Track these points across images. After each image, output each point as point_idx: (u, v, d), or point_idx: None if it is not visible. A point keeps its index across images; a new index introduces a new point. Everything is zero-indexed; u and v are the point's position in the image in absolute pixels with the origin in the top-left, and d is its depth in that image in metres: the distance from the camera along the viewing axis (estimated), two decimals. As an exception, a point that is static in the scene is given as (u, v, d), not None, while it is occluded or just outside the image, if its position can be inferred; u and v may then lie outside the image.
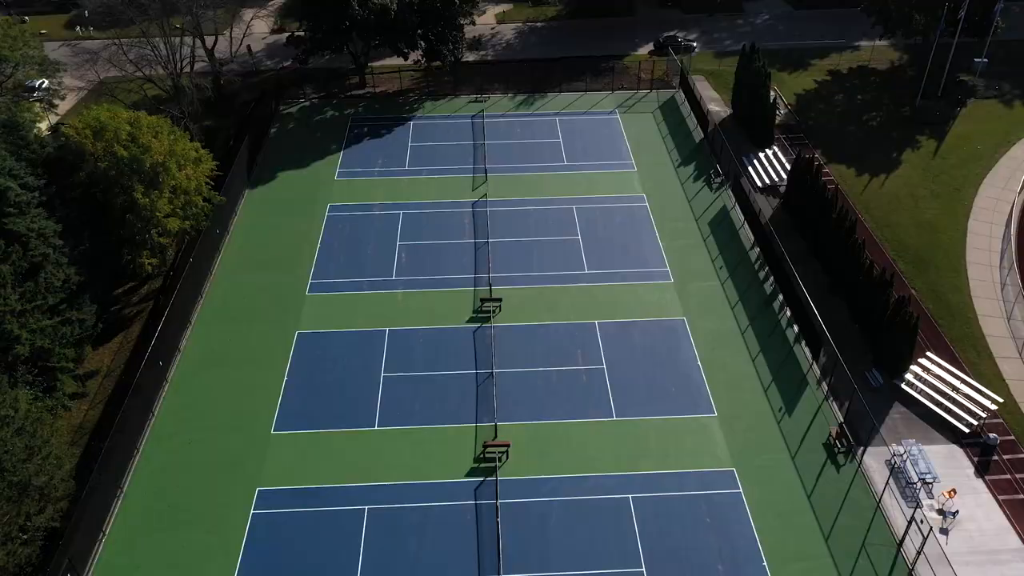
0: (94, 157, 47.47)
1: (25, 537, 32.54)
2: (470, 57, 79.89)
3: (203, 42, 69.77)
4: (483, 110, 70.86)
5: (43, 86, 61.99)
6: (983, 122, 67.48)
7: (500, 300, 48.92)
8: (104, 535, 36.55)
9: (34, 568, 33.75)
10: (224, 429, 41.46)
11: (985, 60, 72.96)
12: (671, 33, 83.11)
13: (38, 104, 55.74)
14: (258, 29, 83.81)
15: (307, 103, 73.09)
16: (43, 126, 53.66)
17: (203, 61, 70.37)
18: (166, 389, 43.87)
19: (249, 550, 35.83)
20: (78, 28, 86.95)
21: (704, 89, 73.55)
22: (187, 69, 66.31)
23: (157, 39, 62.27)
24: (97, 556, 35.72)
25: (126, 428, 39.60)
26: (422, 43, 71.23)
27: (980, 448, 40.03)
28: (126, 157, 47.19)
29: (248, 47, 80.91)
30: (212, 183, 52.77)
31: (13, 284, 40.63)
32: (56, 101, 59.74)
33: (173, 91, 63.76)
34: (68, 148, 47.47)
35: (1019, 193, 58.05)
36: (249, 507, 37.63)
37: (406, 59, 73.79)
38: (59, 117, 62.54)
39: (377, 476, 38.84)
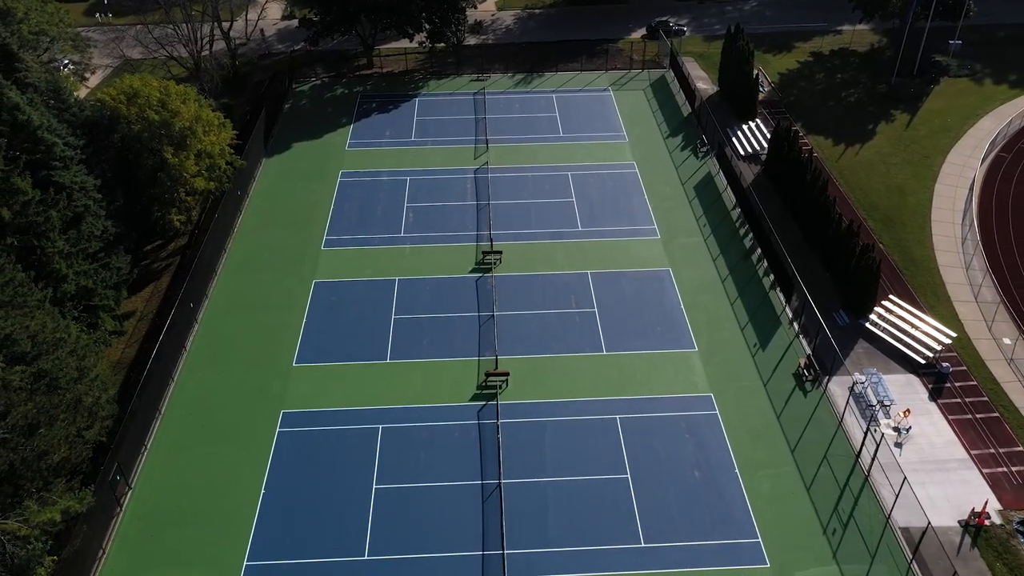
0: (127, 121, 51.72)
1: (84, 439, 36.62)
2: (471, 40, 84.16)
3: (220, 25, 74.10)
4: (484, 88, 75.23)
5: (68, 65, 66.20)
6: (954, 98, 71.79)
7: (500, 252, 53.16)
8: (146, 449, 40.78)
9: (85, 476, 37.89)
10: (250, 362, 45.68)
11: (959, 42, 77.16)
12: (663, 18, 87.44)
13: (71, 76, 59.91)
14: (271, 14, 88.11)
15: (318, 82, 77.44)
16: (79, 95, 57.85)
17: (220, 41, 74.58)
18: (196, 329, 48.10)
19: (276, 462, 40.01)
20: (98, 15, 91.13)
21: (693, 69, 77.83)
22: (206, 51, 70.66)
23: (178, 23, 66.67)
24: (140, 466, 39.94)
25: (162, 360, 43.82)
26: (427, 25, 75.66)
27: (934, 376, 44.25)
28: (157, 121, 51.48)
29: (261, 31, 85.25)
30: (233, 150, 56.99)
31: (60, 230, 44.86)
32: (87, 75, 63.93)
33: (194, 69, 68.06)
34: (104, 112, 51.71)
35: (982, 160, 62.33)
36: (275, 426, 41.85)
37: (411, 40, 78.14)
38: (88, 91, 66.79)
39: (389, 401, 43.07)
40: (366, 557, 35.51)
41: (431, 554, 35.59)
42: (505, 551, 35.39)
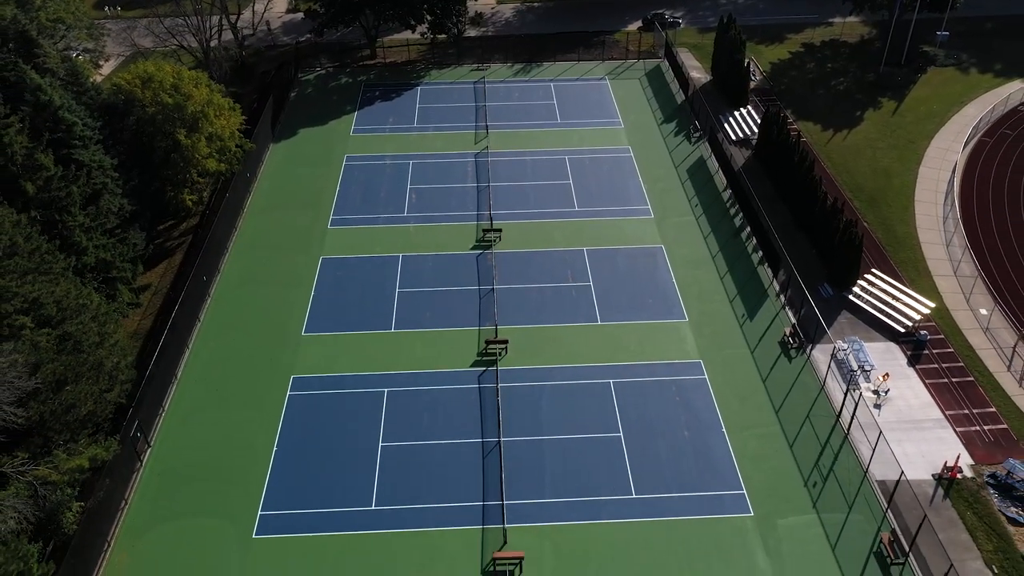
0: (142, 104, 53.90)
1: (106, 399, 38.76)
2: (472, 32, 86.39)
3: (227, 17, 76.29)
4: (484, 77, 77.48)
5: (82, 53, 68.39)
6: (940, 86, 74.00)
7: (500, 231, 55.37)
8: (163, 411, 42.98)
9: (108, 432, 40.02)
10: (261, 332, 47.87)
11: (946, 33, 79.31)
12: (659, 11, 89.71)
13: (88, 64, 62.09)
14: (277, 7, 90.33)
15: (323, 71, 79.68)
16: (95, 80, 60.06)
17: (227, 32, 76.78)
18: (209, 302, 50.28)
19: (287, 423, 42.20)
20: (107, 8, 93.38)
21: (687, 59, 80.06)
22: (214, 41, 72.88)
23: (188, 14, 68.91)
24: (159, 426, 42.15)
25: (177, 330, 46.00)
26: (428, 17, 77.92)
27: (914, 344, 46.45)
28: (170, 104, 53.67)
29: (267, 23, 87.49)
30: (242, 135, 59.16)
31: (80, 205, 47.04)
32: (100, 63, 66.15)
33: (203, 57, 70.26)
34: (120, 96, 53.91)
35: (965, 144, 64.53)
36: (285, 391, 44.05)
37: (413, 31, 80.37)
38: (101, 79, 68.99)
39: (394, 367, 45.26)
40: (373, 507, 37.71)
41: (435, 504, 37.78)
42: (504, 501, 37.58)
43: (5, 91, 45.98)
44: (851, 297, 49.50)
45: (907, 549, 35.39)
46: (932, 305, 48.04)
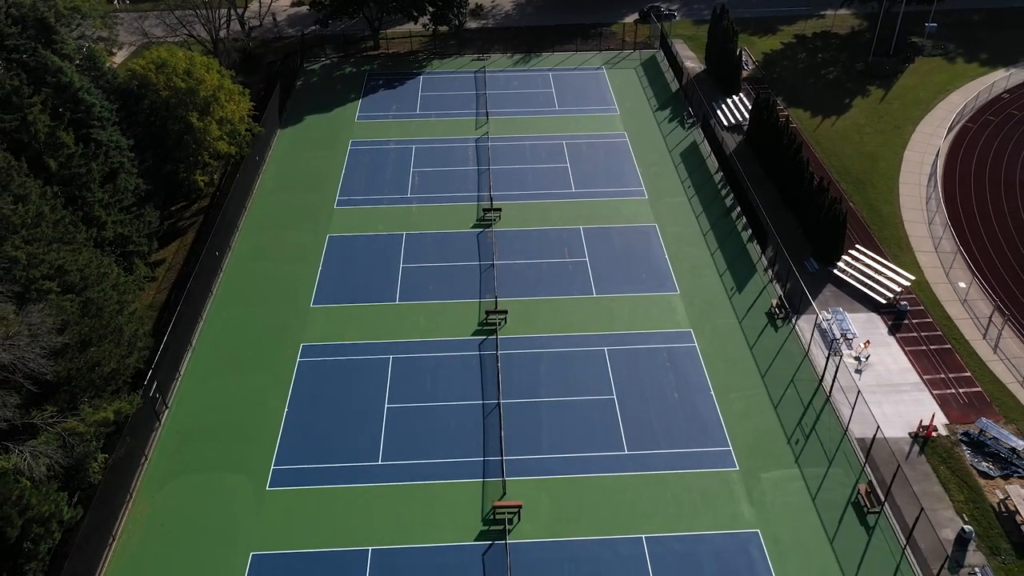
0: (156, 88, 56.12)
1: (126, 364, 40.97)
2: (472, 24, 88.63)
3: (235, 9, 78.54)
4: (484, 66, 79.76)
5: (97, 41, 70.52)
6: (927, 75, 76.25)
7: (500, 210, 57.62)
8: (180, 376, 45.22)
9: (130, 391, 42.20)
10: (271, 304, 50.10)
11: (934, 25, 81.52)
12: (655, 3, 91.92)
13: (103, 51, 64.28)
14: (281, 1, 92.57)
15: (328, 61, 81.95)
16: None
17: (235, 23, 79.04)
18: (221, 276, 52.51)
19: (297, 387, 44.42)
20: (115, 1, 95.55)
21: (682, 49, 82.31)
22: (223, 32, 75.12)
23: (197, 7, 71.21)
24: (176, 389, 44.37)
25: (191, 301, 48.21)
26: (430, 8, 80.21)
27: (894, 314, 48.66)
28: (183, 88, 55.89)
29: (273, 15, 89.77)
30: (251, 119, 61.37)
31: (98, 183, 49.27)
32: (114, 51, 68.38)
33: (212, 47, 72.48)
34: (134, 80, 56.13)
35: (949, 130, 66.77)
36: (295, 357, 46.27)
37: (416, 23, 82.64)
38: (115, 67, 71.14)
39: (399, 335, 47.50)
40: (380, 461, 39.95)
41: (438, 460, 40.01)
42: (504, 457, 39.80)
43: (27, 73, 48.21)
44: (835, 271, 51.73)
45: (883, 499, 37.61)
46: (912, 278, 50.28)
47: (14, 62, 49.27)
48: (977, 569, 34.73)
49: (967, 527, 36.19)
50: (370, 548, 36.10)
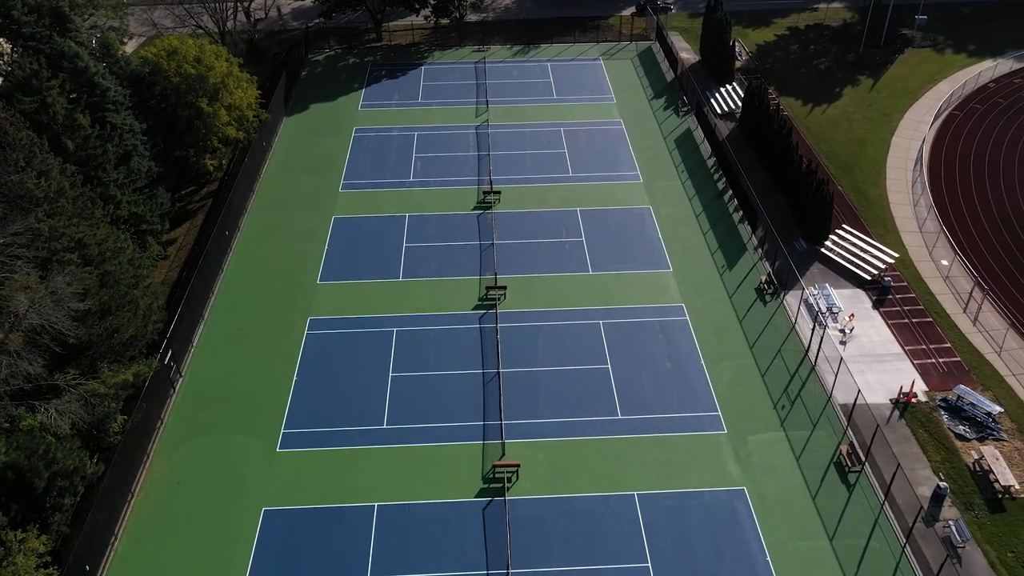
0: (167, 75, 58.07)
1: (148, 329, 42.91)
2: (473, 17, 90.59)
3: (241, 1, 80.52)
4: (484, 57, 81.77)
5: (109, 30, 72.46)
6: (916, 66, 78.23)
7: (499, 192, 59.61)
8: (193, 347, 47.18)
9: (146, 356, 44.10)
10: (279, 280, 52.06)
11: (924, 17, 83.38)
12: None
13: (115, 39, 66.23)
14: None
15: (332, 53, 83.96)
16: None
17: (241, 14, 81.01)
18: (231, 255, 54.48)
19: (305, 356, 46.41)
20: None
21: (677, 41, 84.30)
22: (230, 23, 77.12)
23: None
24: (189, 359, 46.34)
25: (203, 277, 50.17)
26: (431, 1, 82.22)
27: (878, 290, 50.62)
28: (193, 74, 57.84)
29: (278, 8, 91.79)
30: (258, 106, 63.33)
31: (113, 164, 51.22)
32: (124, 40, 70.35)
33: (220, 38, 74.45)
34: (146, 67, 58.08)
35: (936, 117, 68.75)
36: (303, 330, 48.24)
37: (417, 15, 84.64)
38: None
39: (402, 309, 49.46)
40: (385, 425, 41.91)
41: (441, 424, 41.97)
42: (503, 421, 41.76)
43: (45, 58, 50.16)
44: (823, 250, 53.69)
45: (863, 458, 39.59)
46: (896, 255, 52.23)
47: (31, 48, 51.27)
48: (951, 522, 36.67)
49: (942, 484, 38.15)
50: (376, 504, 38.07)
